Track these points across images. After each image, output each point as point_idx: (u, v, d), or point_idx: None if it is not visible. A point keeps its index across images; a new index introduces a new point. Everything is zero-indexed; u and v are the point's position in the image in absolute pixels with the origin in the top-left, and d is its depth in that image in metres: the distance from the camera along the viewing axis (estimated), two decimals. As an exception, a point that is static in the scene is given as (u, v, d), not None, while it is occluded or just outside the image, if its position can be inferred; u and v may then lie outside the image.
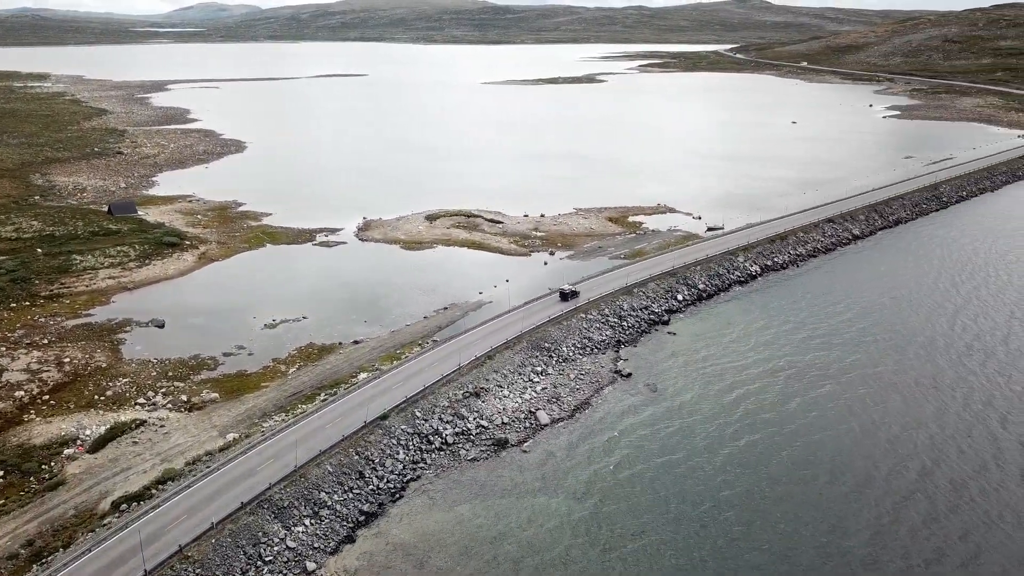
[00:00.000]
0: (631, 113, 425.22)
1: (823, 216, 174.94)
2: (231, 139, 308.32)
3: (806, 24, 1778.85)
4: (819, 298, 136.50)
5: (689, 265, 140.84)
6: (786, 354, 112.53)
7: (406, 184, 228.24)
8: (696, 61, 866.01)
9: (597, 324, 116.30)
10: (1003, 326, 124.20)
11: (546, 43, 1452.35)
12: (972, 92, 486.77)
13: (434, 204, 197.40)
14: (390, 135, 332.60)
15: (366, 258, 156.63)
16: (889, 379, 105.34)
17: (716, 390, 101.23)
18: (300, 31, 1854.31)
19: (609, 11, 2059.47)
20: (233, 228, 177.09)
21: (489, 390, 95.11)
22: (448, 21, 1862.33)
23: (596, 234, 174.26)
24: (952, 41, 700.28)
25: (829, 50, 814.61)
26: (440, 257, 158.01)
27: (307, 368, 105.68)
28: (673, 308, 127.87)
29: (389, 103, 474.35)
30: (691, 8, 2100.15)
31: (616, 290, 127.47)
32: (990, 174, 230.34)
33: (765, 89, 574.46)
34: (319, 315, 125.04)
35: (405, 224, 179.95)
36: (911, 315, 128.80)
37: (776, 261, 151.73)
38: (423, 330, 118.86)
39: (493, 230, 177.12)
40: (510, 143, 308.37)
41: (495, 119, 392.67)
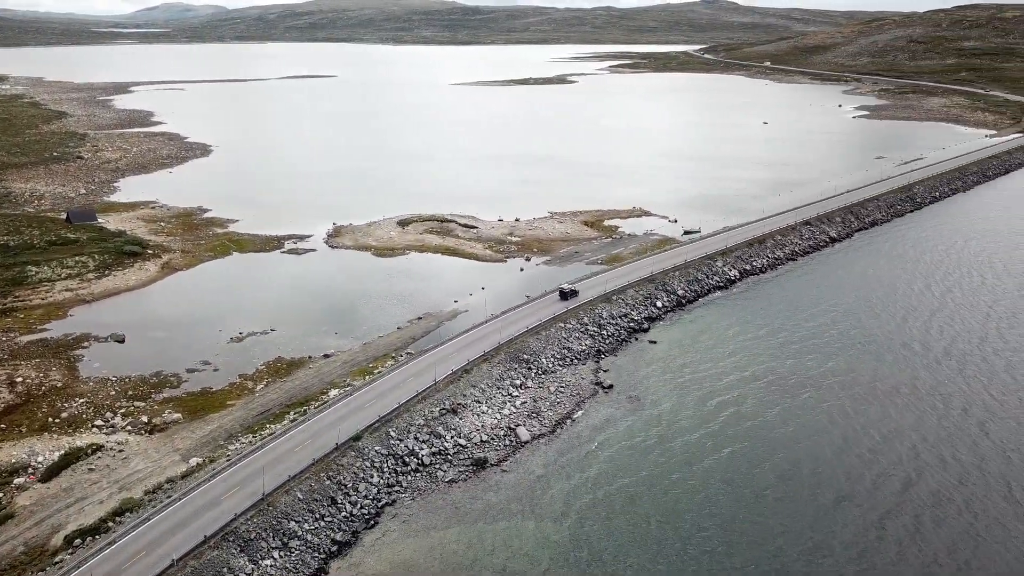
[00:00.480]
0: (603, 114, 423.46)
1: (800, 218, 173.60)
2: (196, 142, 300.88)
3: (773, 25, 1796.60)
4: (798, 302, 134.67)
5: (668, 271, 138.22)
6: (766, 361, 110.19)
7: (377, 188, 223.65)
8: (666, 62, 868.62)
9: (576, 333, 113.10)
10: (978, 329, 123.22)
11: (516, 44, 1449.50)
12: (938, 92, 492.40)
13: (406, 209, 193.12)
14: (360, 138, 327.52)
15: (336, 266, 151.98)
16: (868, 386, 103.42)
17: (697, 401, 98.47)
18: (267, 32, 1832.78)
19: (578, 12, 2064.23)
20: (198, 235, 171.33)
21: (467, 406, 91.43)
22: (417, 22, 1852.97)
23: (572, 239, 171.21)
24: (917, 42, 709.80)
25: (797, 50, 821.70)
26: (413, 264, 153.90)
27: (275, 384, 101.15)
28: (653, 315, 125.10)
29: (359, 105, 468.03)
30: (659, 9, 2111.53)
31: (595, 297, 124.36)
32: (961, 174, 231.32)
33: (735, 89, 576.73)
34: (288, 327, 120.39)
35: (376, 230, 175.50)
36: (888, 319, 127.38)
37: (755, 265, 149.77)
38: (397, 342, 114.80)
39: (467, 235, 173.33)
40: (482, 145, 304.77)
41: (467, 121, 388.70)
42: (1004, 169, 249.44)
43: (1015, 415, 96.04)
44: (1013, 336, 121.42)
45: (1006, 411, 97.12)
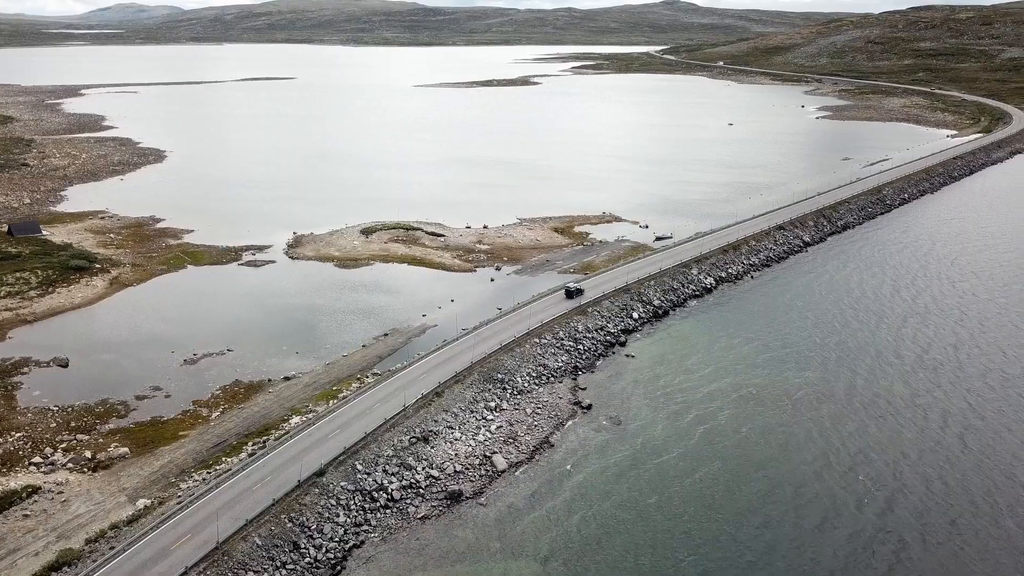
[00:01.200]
0: (568, 116, 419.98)
1: (773, 223, 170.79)
2: (150, 148, 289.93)
3: (732, 26, 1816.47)
4: (774, 311, 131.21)
5: (643, 280, 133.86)
6: (744, 374, 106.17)
7: (339, 195, 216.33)
8: (628, 63, 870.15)
9: (552, 349, 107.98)
10: (951, 335, 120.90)
11: (478, 44, 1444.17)
12: (898, 92, 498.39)
13: (370, 216, 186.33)
14: (321, 142, 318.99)
15: (297, 279, 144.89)
16: (844, 398, 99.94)
17: (676, 419, 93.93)
18: (224, 33, 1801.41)
19: (540, 12, 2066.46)
20: (150, 247, 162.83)
21: (439, 433, 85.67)
22: (378, 22, 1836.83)
23: (543, 246, 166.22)
24: (874, 43, 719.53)
25: (758, 51, 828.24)
26: (378, 275, 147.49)
27: (232, 412, 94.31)
28: (629, 328, 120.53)
29: (320, 108, 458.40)
30: (620, 10, 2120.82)
31: (570, 310, 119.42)
32: (928, 176, 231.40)
33: (698, 91, 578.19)
34: (246, 347, 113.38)
35: (339, 239, 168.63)
36: (862, 326, 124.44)
37: (730, 272, 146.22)
38: (362, 361, 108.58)
39: (434, 244, 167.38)
40: (448, 149, 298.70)
41: (431, 123, 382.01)
42: (969, 170, 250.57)
43: (993, 426, 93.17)
44: (985, 341, 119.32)
45: (984, 422, 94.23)
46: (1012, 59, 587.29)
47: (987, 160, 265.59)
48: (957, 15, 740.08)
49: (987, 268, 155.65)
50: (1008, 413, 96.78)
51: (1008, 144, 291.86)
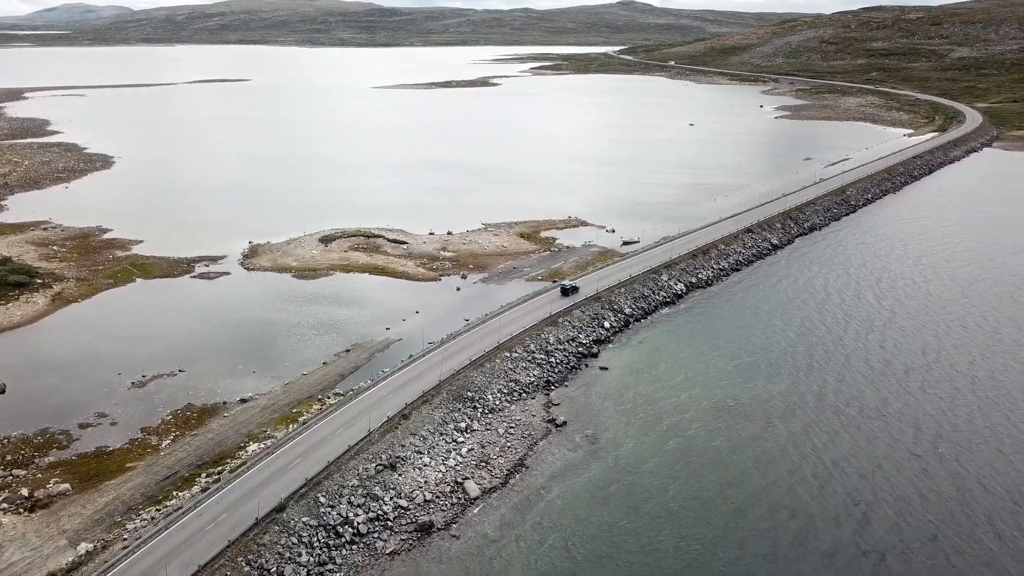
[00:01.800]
0: (529, 118, 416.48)
1: (742, 226, 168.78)
2: (97, 154, 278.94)
3: (687, 26, 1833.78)
4: (745, 317, 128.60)
5: (613, 288, 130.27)
6: (718, 385, 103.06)
7: (296, 201, 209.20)
8: (587, 63, 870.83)
9: (523, 363, 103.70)
10: (918, 338, 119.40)
11: (435, 45, 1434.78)
12: (853, 92, 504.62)
13: (329, 223, 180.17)
14: (277, 146, 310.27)
15: (253, 291, 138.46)
16: (816, 408, 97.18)
17: (653, 436, 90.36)
18: (176, 33, 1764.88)
19: (497, 13, 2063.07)
20: (96, 260, 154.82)
21: (407, 459, 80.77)
22: (334, 23, 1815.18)
23: (509, 253, 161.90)
24: (828, 43, 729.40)
25: (714, 51, 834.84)
26: (338, 286, 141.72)
27: (184, 439, 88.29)
28: (601, 338, 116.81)
29: (275, 110, 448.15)
30: (577, 10, 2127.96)
31: (541, 320, 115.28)
32: (890, 175, 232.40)
33: (658, 91, 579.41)
34: (199, 366, 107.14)
35: (297, 248, 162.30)
36: (831, 331, 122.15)
37: (700, 278, 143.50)
38: (323, 380, 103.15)
39: (397, 252, 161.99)
40: (408, 152, 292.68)
41: (390, 126, 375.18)
42: (928, 169, 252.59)
43: (965, 434, 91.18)
44: (950, 343, 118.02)
45: (956, 430, 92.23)
46: (961, 59, 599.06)
47: (945, 159, 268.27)
48: (907, 15, 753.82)
49: (950, 268, 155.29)
50: (979, 419, 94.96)
51: (963, 143, 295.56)
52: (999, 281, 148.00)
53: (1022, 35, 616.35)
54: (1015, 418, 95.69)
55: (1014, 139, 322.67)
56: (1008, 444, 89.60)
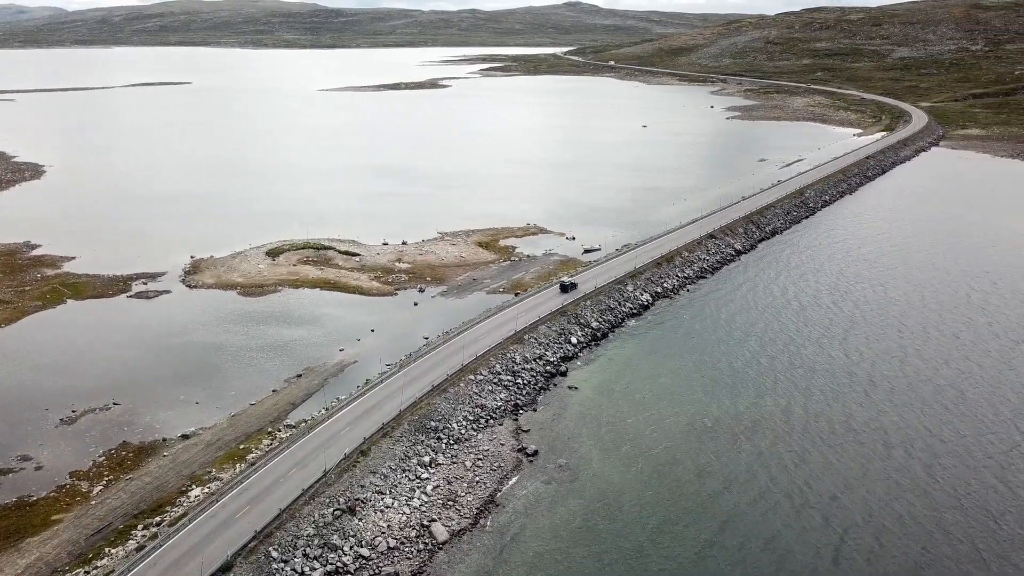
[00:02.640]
0: (480, 120, 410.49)
1: (704, 231, 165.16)
2: (26, 162, 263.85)
3: (633, 27, 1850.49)
4: (713, 329, 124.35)
5: (578, 300, 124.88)
6: (691, 404, 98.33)
7: (241, 211, 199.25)
8: (536, 64, 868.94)
9: (489, 386, 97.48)
10: (896, 348, 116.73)
11: (382, 47, 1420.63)
12: (800, 92, 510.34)
13: (276, 235, 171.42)
14: (220, 152, 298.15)
15: (196, 311, 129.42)
16: (801, 428, 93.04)
17: (629, 463, 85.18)
18: (113, 35, 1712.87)
19: (444, 14, 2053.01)
20: (23, 280, 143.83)
21: (367, 501, 73.92)
22: (278, 24, 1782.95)
23: (468, 263, 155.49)
24: (773, 43, 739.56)
25: (663, 52, 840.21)
26: (288, 304, 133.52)
27: (119, 484, 79.99)
28: (568, 354, 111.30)
29: (217, 114, 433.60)
30: (524, 11, 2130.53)
31: (506, 337, 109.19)
32: (845, 176, 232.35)
33: (608, 92, 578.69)
34: (136, 398, 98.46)
35: (242, 263, 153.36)
36: (805, 342, 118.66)
37: (665, 287, 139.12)
38: (273, 410, 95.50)
39: (349, 264, 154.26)
40: (358, 157, 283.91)
41: (338, 130, 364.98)
42: (881, 169, 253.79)
43: (957, 453, 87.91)
44: (930, 352, 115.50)
45: (947, 447, 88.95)
46: (902, 58, 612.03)
47: (896, 159, 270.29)
48: (848, 16, 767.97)
49: (908, 272, 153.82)
50: (946, 431, 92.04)
51: (913, 142, 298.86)
52: (956, 284, 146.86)
53: (959, 36, 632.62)
54: (981, 428, 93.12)
55: (959, 138, 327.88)
56: (977, 457, 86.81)
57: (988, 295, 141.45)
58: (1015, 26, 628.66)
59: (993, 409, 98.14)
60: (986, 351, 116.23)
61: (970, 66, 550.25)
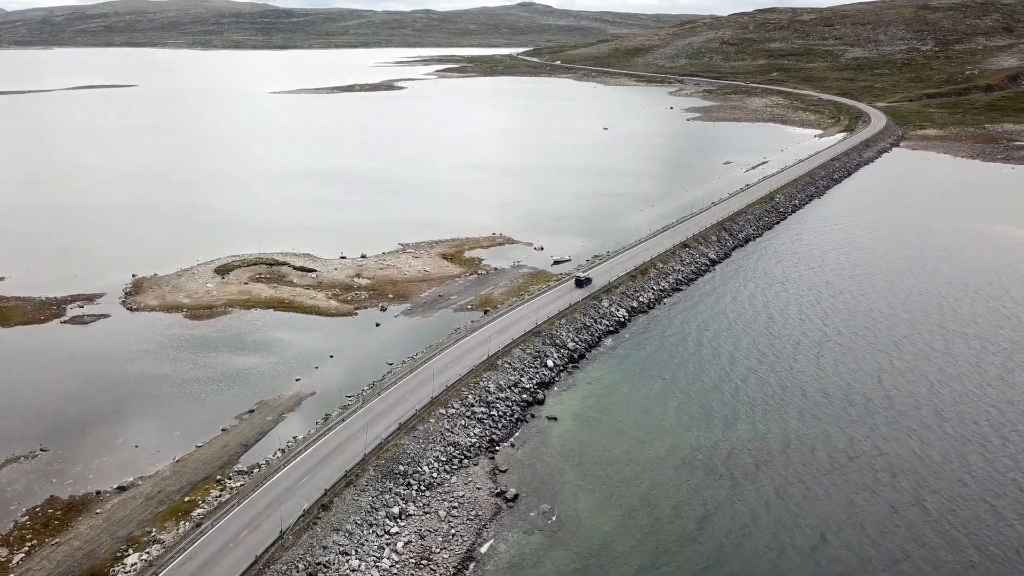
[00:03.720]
0: (438, 123, 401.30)
1: (677, 240, 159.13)
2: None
3: (587, 27, 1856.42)
4: (694, 347, 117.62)
5: (553, 319, 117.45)
6: (677, 434, 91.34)
7: (188, 224, 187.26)
8: (493, 65, 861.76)
9: (462, 420, 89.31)
10: (870, 362, 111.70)
11: (335, 48, 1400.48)
12: (758, 92, 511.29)
13: (225, 249, 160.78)
14: (165, 159, 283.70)
15: (137, 338, 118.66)
16: (781, 456, 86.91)
17: (619, 507, 77.89)
18: (54, 36, 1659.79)
19: (398, 15, 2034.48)
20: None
21: (330, 565, 65.29)
22: (227, 24, 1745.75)
23: (433, 277, 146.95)
24: (729, 43, 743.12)
25: (619, 53, 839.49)
26: (239, 327, 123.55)
27: (44, 550, 70.06)
28: (545, 380, 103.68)
29: (163, 118, 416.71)
30: (478, 12, 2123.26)
31: (478, 363, 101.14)
32: (812, 179, 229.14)
33: (567, 93, 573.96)
34: (66, 443, 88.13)
35: (189, 281, 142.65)
36: (783, 358, 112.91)
37: (641, 301, 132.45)
38: (222, 453, 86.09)
39: (305, 281, 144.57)
40: (312, 164, 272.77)
41: (291, 135, 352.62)
42: (847, 171, 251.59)
43: (946, 480, 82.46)
44: (905, 365, 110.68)
45: (936, 476, 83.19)
46: (855, 58, 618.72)
47: (860, 160, 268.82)
48: (800, 17, 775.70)
49: (886, 280, 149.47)
50: (954, 459, 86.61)
51: (874, 143, 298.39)
52: (928, 291, 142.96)
53: (909, 36, 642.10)
54: (965, 450, 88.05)
55: (918, 138, 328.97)
56: (968, 485, 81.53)
57: (959, 302, 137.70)
58: (962, 27, 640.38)
59: (976, 428, 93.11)
60: (962, 364, 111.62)
61: (921, 66, 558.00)
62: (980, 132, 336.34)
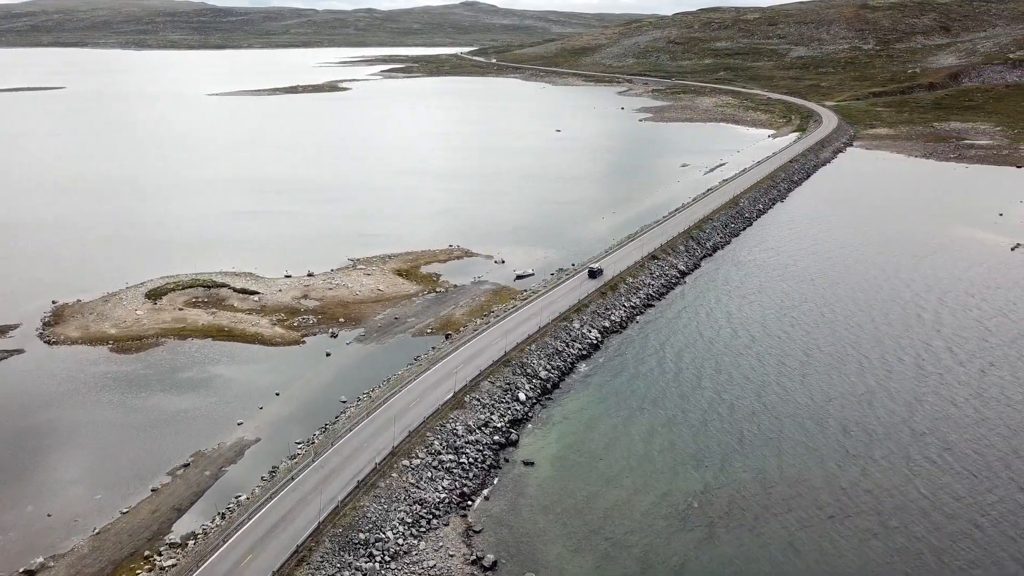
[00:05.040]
0: (386, 126, 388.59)
1: (645, 252, 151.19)
2: None
3: (531, 26, 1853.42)
4: (674, 372, 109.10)
5: (522, 345, 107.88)
6: (665, 478, 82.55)
7: (116, 241, 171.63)
8: (439, 65, 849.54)
9: (428, 472, 78.99)
10: (860, 385, 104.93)
11: (276, 47, 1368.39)
12: (706, 92, 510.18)
13: (157, 269, 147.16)
14: (91, 169, 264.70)
15: (55, 378, 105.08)
16: (787, 503, 79.09)
17: (612, 569, 68.83)
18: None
19: (339, 13, 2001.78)
20: None
21: (281, 674, 54.54)
22: (162, 23, 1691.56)
23: (387, 297, 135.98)
24: (675, 43, 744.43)
25: (566, 52, 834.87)
26: (173, 361, 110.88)
27: (-74, 664, 57.65)
28: (518, 416, 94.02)
29: (90, 124, 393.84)
30: (421, 11, 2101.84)
31: (443, 402, 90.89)
32: (774, 182, 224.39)
33: (516, 94, 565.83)
34: (-36, 514, 75.23)
35: (116, 308, 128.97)
36: (766, 381, 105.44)
37: (613, 320, 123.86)
38: (151, 520, 74.33)
39: (246, 305, 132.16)
40: (253, 171, 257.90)
41: (230, 140, 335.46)
42: (806, 173, 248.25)
43: (959, 522, 75.56)
44: (897, 388, 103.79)
45: (947, 516, 76.20)
46: (800, 57, 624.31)
47: (817, 161, 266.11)
48: (744, 16, 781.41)
49: (857, 289, 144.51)
50: (964, 496, 79.65)
51: (829, 143, 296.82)
52: (903, 301, 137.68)
53: (851, 35, 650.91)
54: (975, 487, 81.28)
55: (870, 138, 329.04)
56: (985, 529, 74.68)
57: (939, 312, 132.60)
58: (902, 26, 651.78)
59: (983, 461, 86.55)
60: (957, 383, 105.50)
61: (864, 65, 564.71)
62: (929, 131, 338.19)
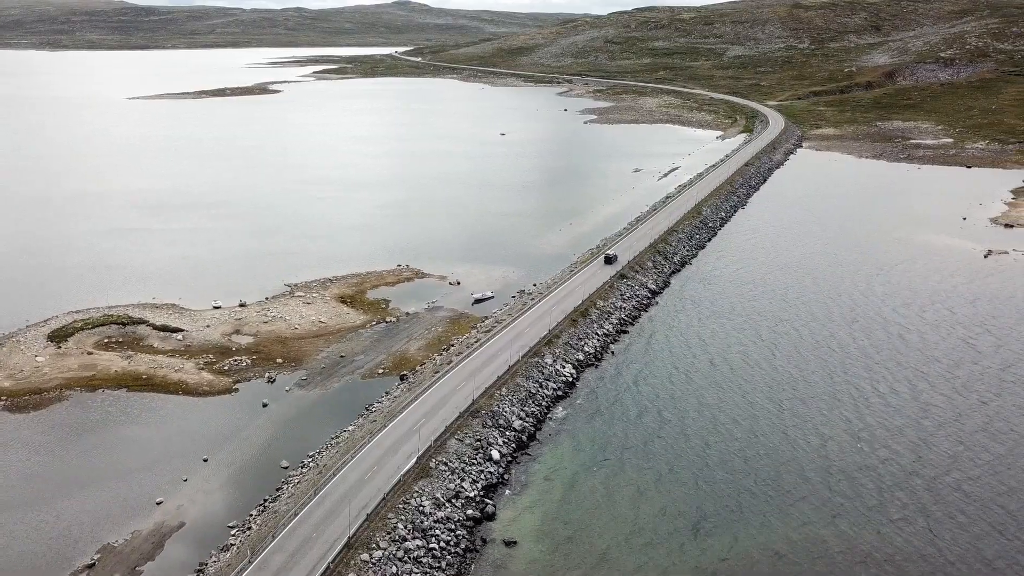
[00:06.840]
0: (320, 131, 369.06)
1: (612, 272, 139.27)
2: None
3: (465, 26, 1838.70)
4: (655, 413, 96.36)
5: (491, 389, 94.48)
6: (663, 551, 70.74)
7: (12, 270, 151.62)
8: (374, 65, 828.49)
9: (392, 567, 64.91)
10: (850, 415, 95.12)
11: (201, 48, 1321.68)
12: (648, 92, 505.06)
13: (63, 304, 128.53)
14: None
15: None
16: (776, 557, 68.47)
17: None
18: None
19: (267, 12, 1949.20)
20: None
21: None
22: (79, 23, 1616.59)
23: (330, 330, 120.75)
24: (613, 42, 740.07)
25: (503, 52, 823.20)
26: (78, 420, 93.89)
27: None
28: (493, 480, 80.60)
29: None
30: (353, 10, 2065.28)
31: (406, 471, 76.80)
32: (733, 188, 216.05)
33: (455, 95, 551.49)
34: None
35: (12, 354, 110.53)
36: (766, 432, 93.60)
37: (587, 352, 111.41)
38: (43, 653, 58.43)
39: (168, 345, 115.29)
40: (173, 183, 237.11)
41: (150, 148, 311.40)
42: (762, 177, 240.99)
43: None
44: (910, 432, 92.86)
45: None
46: (737, 57, 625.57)
47: (772, 164, 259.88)
48: (680, 16, 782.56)
49: (833, 306, 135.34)
50: (994, 560, 70.20)
51: (779, 145, 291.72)
52: (885, 320, 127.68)
53: (786, 34, 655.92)
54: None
55: (818, 138, 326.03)
56: None
57: (924, 334, 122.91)
58: (834, 25, 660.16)
59: (1006, 512, 77.03)
60: (974, 428, 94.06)
61: (801, 64, 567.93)
62: (874, 130, 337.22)
